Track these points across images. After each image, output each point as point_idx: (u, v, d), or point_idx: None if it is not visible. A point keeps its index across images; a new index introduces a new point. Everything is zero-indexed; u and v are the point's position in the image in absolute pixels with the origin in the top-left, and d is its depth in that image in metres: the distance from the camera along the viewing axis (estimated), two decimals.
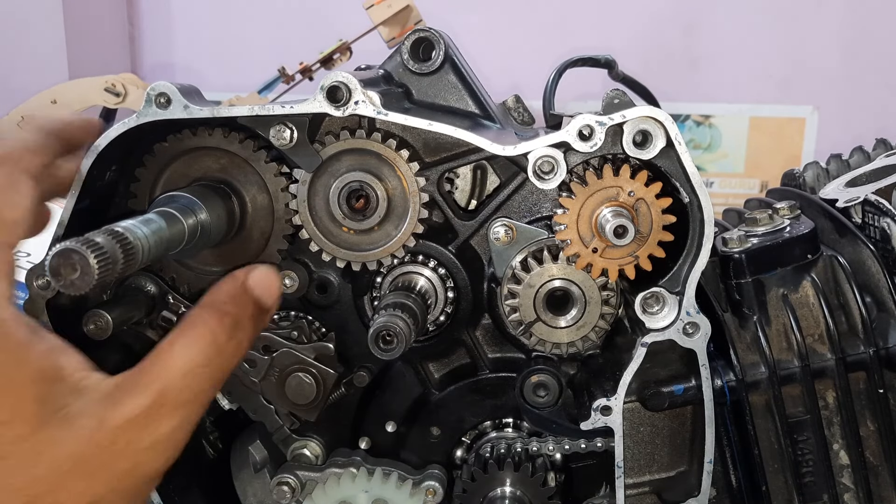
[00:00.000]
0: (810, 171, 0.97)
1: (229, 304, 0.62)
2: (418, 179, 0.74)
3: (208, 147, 0.74)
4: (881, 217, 0.78)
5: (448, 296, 0.80)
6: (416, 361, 0.85)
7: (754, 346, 0.76)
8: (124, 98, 1.84)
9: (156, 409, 0.55)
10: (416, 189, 0.74)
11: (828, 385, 0.76)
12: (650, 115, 0.67)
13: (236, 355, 0.62)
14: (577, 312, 0.76)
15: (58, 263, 0.53)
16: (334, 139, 0.73)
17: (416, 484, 0.81)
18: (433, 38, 0.81)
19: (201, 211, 0.68)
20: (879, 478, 0.78)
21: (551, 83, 1.02)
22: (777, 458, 0.77)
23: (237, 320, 0.61)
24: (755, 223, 0.79)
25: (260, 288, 0.64)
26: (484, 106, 0.83)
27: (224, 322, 0.60)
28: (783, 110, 2.81)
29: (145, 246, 0.58)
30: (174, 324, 0.76)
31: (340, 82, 0.68)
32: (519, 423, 0.85)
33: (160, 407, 0.55)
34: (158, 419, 0.55)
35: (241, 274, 0.64)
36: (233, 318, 0.61)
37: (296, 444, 0.84)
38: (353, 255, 0.76)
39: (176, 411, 0.56)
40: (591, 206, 0.71)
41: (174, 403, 0.56)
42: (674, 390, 0.74)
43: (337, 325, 0.82)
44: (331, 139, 0.73)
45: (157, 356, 0.57)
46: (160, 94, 0.68)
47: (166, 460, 0.57)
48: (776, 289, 0.77)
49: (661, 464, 0.80)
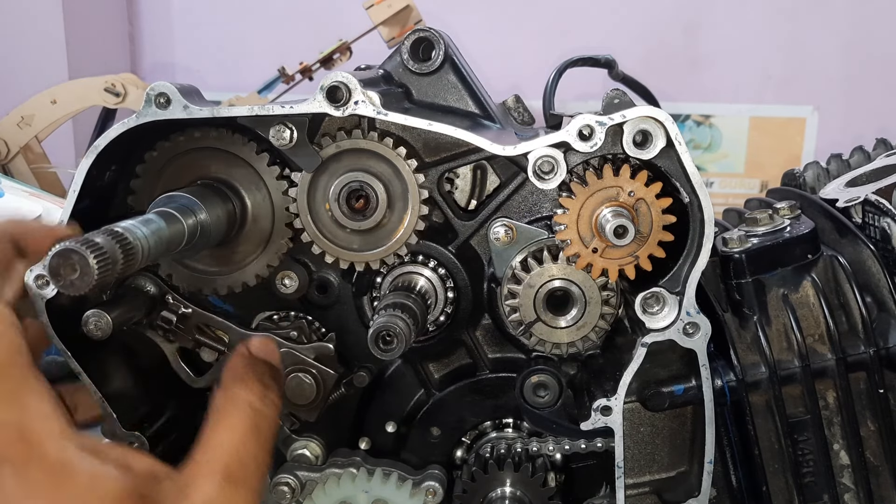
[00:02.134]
0: (810, 171, 0.97)
1: (249, 373, 0.67)
2: (418, 179, 0.74)
3: (208, 147, 0.74)
4: (881, 217, 0.78)
5: (448, 296, 0.80)
6: (416, 361, 0.85)
7: (754, 347, 0.76)
8: (124, 98, 1.84)
9: (228, 490, 0.58)
10: (416, 189, 0.74)
11: (828, 385, 0.76)
12: (650, 115, 0.67)
13: (275, 414, 0.66)
14: (578, 312, 0.75)
15: (57, 263, 0.53)
16: (333, 140, 0.73)
17: (416, 484, 0.81)
18: (433, 38, 0.81)
19: (201, 211, 0.68)
20: (880, 478, 0.77)
21: (551, 83, 1.02)
22: (777, 459, 0.77)
23: (261, 382, 0.66)
24: (755, 223, 0.79)
25: (263, 352, 0.70)
26: (484, 106, 0.83)
27: (253, 388, 0.65)
28: (783, 110, 2.81)
29: (145, 246, 0.58)
30: (173, 324, 0.76)
31: (340, 82, 0.68)
32: (519, 423, 0.85)
33: (231, 486, 0.58)
34: (233, 498, 0.58)
35: (242, 348, 0.71)
36: (258, 383, 0.66)
37: (296, 445, 0.84)
38: (354, 256, 0.76)
39: (244, 484, 0.59)
40: (591, 206, 0.71)
41: (240, 478, 0.59)
42: (674, 390, 0.74)
43: (337, 326, 0.82)
44: (329, 140, 0.73)
45: (207, 443, 0.61)
46: (160, 94, 0.68)
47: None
48: (776, 289, 0.77)
49: (662, 464, 0.80)
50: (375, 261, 0.76)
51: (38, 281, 0.68)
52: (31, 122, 1.83)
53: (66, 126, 1.95)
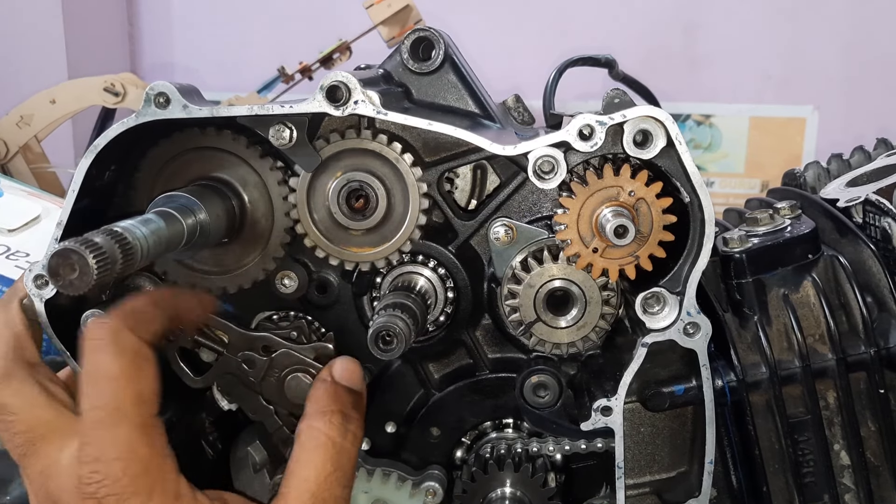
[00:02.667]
0: (811, 171, 0.97)
1: (331, 405, 0.68)
2: (416, 173, 0.73)
3: (208, 147, 0.74)
4: (882, 217, 0.78)
5: (448, 296, 0.80)
6: (416, 361, 0.84)
7: (755, 347, 0.76)
8: (123, 98, 1.83)
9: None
10: (416, 189, 0.73)
11: (828, 385, 0.76)
12: (650, 115, 0.67)
13: (355, 445, 0.67)
14: (578, 312, 0.75)
15: (57, 263, 0.53)
16: (331, 140, 0.73)
17: (415, 484, 0.81)
18: (433, 37, 0.81)
19: (200, 211, 0.68)
20: (880, 478, 0.77)
21: (551, 83, 1.02)
22: (778, 459, 0.77)
23: (344, 415, 0.67)
24: (756, 223, 0.79)
25: (347, 379, 0.71)
26: (484, 105, 0.83)
27: (334, 423, 0.66)
28: (783, 110, 2.81)
29: (144, 246, 0.58)
30: None
31: (340, 82, 0.68)
32: (519, 423, 0.85)
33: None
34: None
35: (325, 374, 0.71)
36: (340, 416, 0.67)
37: None
38: (354, 256, 0.76)
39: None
40: (591, 206, 0.70)
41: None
42: (674, 390, 0.74)
43: (337, 326, 0.82)
44: (326, 141, 0.73)
45: (291, 480, 0.63)
46: (159, 93, 0.68)
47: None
48: (777, 289, 0.76)
49: (662, 464, 0.79)
50: (375, 261, 0.76)
51: (37, 281, 0.68)
52: (30, 121, 1.83)
53: (65, 126, 1.95)
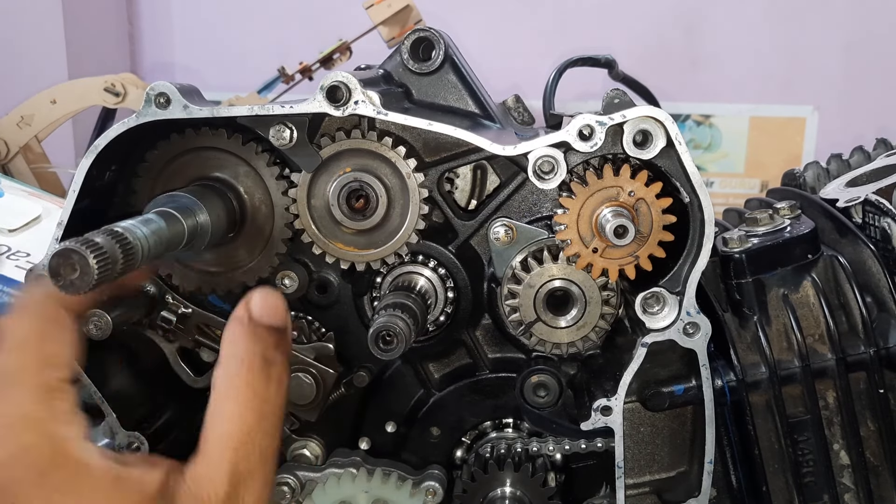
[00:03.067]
0: (811, 171, 0.97)
1: (250, 348, 0.58)
2: (418, 179, 0.73)
3: (208, 147, 0.74)
4: (882, 217, 0.78)
5: (448, 296, 0.80)
6: (416, 361, 0.85)
7: (755, 347, 0.76)
8: (124, 98, 1.83)
9: (239, 485, 0.56)
10: (416, 189, 0.74)
11: (828, 385, 0.76)
12: (650, 115, 0.67)
13: (281, 392, 0.59)
14: (578, 312, 0.75)
15: (57, 263, 0.53)
16: (336, 139, 0.73)
17: (415, 484, 0.81)
18: (433, 37, 0.81)
19: (201, 211, 0.68)
20: (880, 478, 0.77)
21: (551, 83, 1.02)
22: (777, 459, 0.77)
23: (264, 358, 0.58)
24: (755, 223, 0.79)
25: (266, 315, 0.60)
26: (484, 106, 0.83)
27: (253, 369, 0.57)
28: (783, 110, 2.81)
29: (145, 246, 0.58)
30: (173, 324, 0.76)
31: (340, 82, 0.68)
32: (519, 423, 0.85)
33: (242, 481, 0.56)
34: (245, 491, 0.56)
35: (241, 311, 0.60)
36: (260, 360, 0.58)
37: (295, 445, 0.84)
38: (354, 256, 0.76)
39: (257, 475, 0.57)
40: (591, 206, 0.70)
41: (251, 470, 0.56)
42: (674, 390, 0.74)
43: (337, 325, 0.82)
44: (331, 139, 0.73)
45: (209, 435, 0.57)
46: (159, 93, 0.68)
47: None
48: (776, 289, 0.77)
49: (662, 464, 0.80)
50: (375, 261, 0.76)
51: (37, 281, 0.68)
52: (30, 121, 1.83)
53: (65, 126, 1.95)
